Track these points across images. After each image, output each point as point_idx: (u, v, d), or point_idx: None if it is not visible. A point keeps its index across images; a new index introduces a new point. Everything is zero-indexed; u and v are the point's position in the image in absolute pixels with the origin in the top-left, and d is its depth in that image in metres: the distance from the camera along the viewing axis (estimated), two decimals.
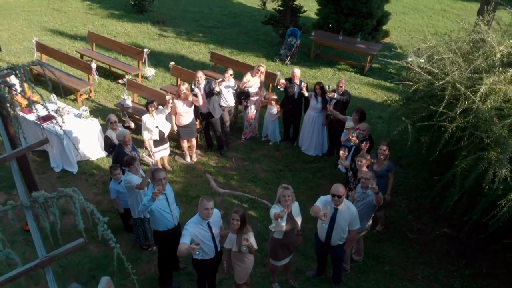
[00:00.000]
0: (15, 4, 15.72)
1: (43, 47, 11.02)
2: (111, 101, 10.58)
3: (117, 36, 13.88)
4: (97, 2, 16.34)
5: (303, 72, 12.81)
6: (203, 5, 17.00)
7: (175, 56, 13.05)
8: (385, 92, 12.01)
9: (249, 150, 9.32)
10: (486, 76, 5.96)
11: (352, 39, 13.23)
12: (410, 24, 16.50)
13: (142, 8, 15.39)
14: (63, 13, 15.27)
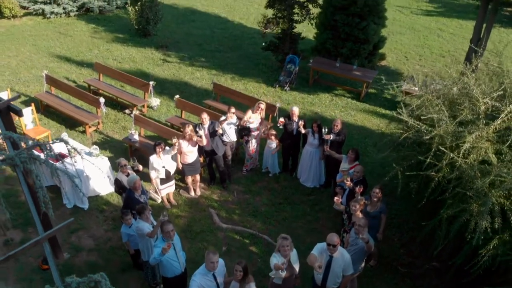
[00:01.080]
0: (22, 28, 16.21)
1: (52, 80, 11.51)
2: (118, 132, 11.07)
3: (123, 62, 14.37)
4: (102, 25, 16.83)
5: (302, 98, 13.33)
6: (205, 28, 17.48)
7: (178, 83, 13.54)
8: (380, 119, 12.48)
9: (250, 183, 9.81)
10: (468, 133, 6.43)
11: (349, 66, 13.71)
12: (406, 45, 16.97)
13: (146, 32, 15.87)
14: (69, 37, 15.75)
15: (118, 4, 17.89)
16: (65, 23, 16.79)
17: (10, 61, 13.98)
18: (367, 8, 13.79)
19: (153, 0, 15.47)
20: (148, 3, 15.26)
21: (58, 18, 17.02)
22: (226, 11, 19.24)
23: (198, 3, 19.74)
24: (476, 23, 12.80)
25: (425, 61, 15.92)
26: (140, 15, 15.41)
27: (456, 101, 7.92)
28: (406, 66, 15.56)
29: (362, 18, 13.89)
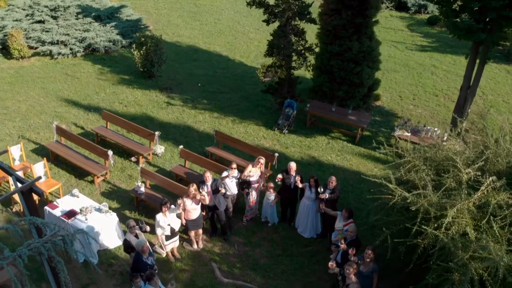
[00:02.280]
0: (31, 70, 16.87)
1: (62, 131, 12.12)
2: (125, 181, 11.64)
3: (128, 105, 15.00)
4: (108, 65, 17.50)
5: (299, 141, 13.93)
6: (207, 67, 18.15)
7: (182, 127, 14.15)
8: (375, 163, 13.05)
9: (250, 233, 10.35)
10: (450, 207, 6.98)
11: (344, 110, 14.33)
12: (400, 84, 17.61)
13: (151, 74, 16.52)
14: (76, 79, 16.41)
15: (123, 43, 18.57)
16: (72, 64, 17.46)
17: (20, 106, 14.60)
18: (361, 54, 14.46)
19: (157, 44, 16.13)
20: (153, 48, 15.92)
21: (65, 58, 17.69)
22: (227, 49, 19.93)
23: (200, 41, 20.44)
24: (466, 70, 13.40)
25: (419, 101, 16.54)
26: (145, 58, 16.06)
27: (442, 164, 8.48)
28: (400, 106, 16.18)
29: (356, 63, 14.55)
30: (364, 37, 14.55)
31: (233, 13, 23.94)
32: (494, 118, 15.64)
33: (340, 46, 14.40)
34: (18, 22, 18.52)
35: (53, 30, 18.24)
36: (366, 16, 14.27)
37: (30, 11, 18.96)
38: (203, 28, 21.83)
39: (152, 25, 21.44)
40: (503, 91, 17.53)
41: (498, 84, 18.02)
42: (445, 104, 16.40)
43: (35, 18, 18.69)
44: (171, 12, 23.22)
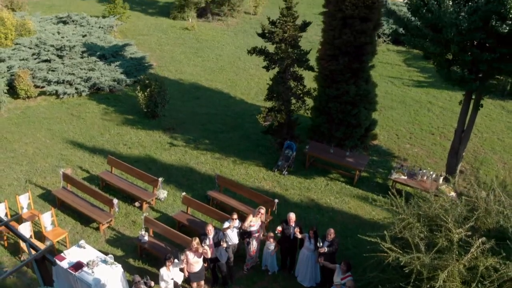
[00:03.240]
0: (37, 110, 17.34)
1: (69, 178, 12.52)
2: (129, 228, 11.98)
3: (132, 147, 15.42)
4: (112, 105, 17.98)
5: (299, 183, 14.29)
6: (209, 105, 18.63)
7: (184, 169, 14.53)
8: (372, 207, 13.37)
9: (250, 283, 10.64)
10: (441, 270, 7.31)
11: (342, 152, 14.72)
12: (397, 121, 18.04)
13: (154, 114, 16.98)
14: (82, 120, 16.87)
15: (127, 82, 19.09)
16: (77, 103, 17.94)
17: (27, 148, 15.02)
18: (358, 96, 14.93)
19: (161, 86, 16.63)
20: (157, 89, 16.42)
21: (71, 98, 18.19)
22: (228, 86, 20.44)
23: (202, 78, 20.97)
24: (460, 115, 13.83)
25: (415, 139, 16.94)
26: (149, 99, 16.54)
27: (435, 220, 8.83)
28: (397, 145, 16.57)
29: (354, 105, 15.00)
30: (361, 80, 15.03)
31: (234, 48, 24.55)
32: (489, 158, 16.07)
33: (337, 89, 14.87)
34: (24, 61, 19.10)
35: (59, 69, 18.79)
36: (363, 61, 14.78)
37: (37, 50, 19.57)
38: (205, 64, 22.39)
39: (155, 62, 22.01)
40: (498, 128, 17.94)
41: (493, 121, 18.45)
42: (441, 143, 16.78)
43: (42, 58, 19.28)
44: (174, 48, 23.83)
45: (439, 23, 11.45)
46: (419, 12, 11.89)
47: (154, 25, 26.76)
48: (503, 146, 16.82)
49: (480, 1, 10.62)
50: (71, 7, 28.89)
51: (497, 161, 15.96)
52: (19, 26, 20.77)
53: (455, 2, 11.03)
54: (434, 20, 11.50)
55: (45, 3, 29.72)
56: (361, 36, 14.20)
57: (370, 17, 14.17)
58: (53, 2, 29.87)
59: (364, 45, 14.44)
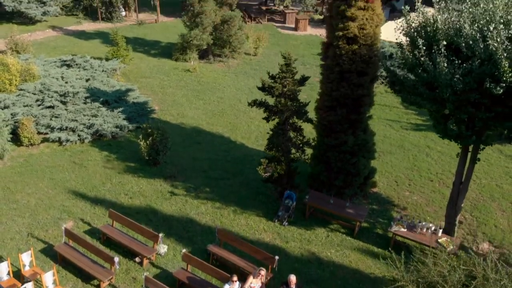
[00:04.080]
0: (40, 158, 17.54)
1: (70, 233, 12.61)
2: (130, 285, 12.00)
3: (133, 197, 15.54)
4: (114, 152, 18.19)
5: (299, 234, 14.34)
6: (210, 150, 18.85)
7: (184, 220, 14.62)
8: (373, 260, 13.39)
9: None
10: None
11: (342, 202, 14.83)
12: (396, 167, 18.19)
13: (156, 161, 17.17)
14: (84, 168, 17.04)
15: (129, 128, 19.35)
16: (80, 150, 18.16)
17: (30, 199, 15.14)
18: (357, 146, 15.13)
19: (163, 134, 16.87)
20: (158, 138, 16.66)
21: (73, 145, 18.41)
22: (229, 130, 20.70)
23: (203, 121, 21.27)
24: (457, 167, 13.99)
25: (414, 186, 17.06)
26: (150, 147, 16.76)
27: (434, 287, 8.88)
28: (396, 193, 16.67)
29: (352, 155, 15.20)
30: (359, 130, 15.27)
31: (235, 90, 24.95)
32: (488, 206, 16.15)
33: (336, 139, 15.09)
34: (28, 108, 19.43)
35: (62, 116, 19.10)
36: (361, 113, 15.05)
37: (41, 96, 19.93)
38: (206, 107, 22.73)
39: (158, 105, 22.36)
40: (496, 174, 18.08)
41: (491, 166, 18.61)
42: (440, 190, 16.90)
43: (45, 104, 19.62)
44: (176, 91, 24.23)
45: (434, 82, 11.75)
46: (414, 70, 12.21)
47: (157, 67, 27.26)
48: (502, 193, 16.93)
49: (474, 64, 10.92)
50: (75, 48, 29.55)
51: (496, 209, 16.03)
52: (24, 71, 21.18)
53: (450, 63, 11.33)
54: (430, 79, 11.80)
55: (49, 44, 30.36)
56: (358, 89, 14.52)
57: (367, 71, 14.53)
58: (57, 43, 30.51)
59: (361, 97, 14.73)
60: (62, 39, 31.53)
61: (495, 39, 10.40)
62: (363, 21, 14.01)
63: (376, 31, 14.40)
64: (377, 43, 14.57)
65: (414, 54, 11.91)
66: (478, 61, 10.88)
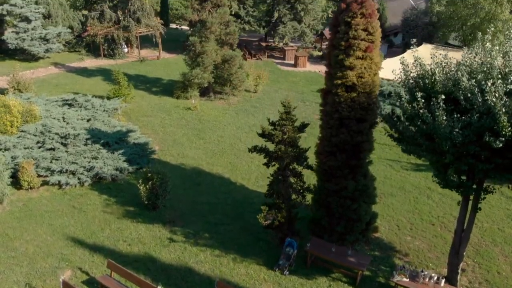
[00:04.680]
0: (39, 202, 17.47)
1: (68, 286, 12.40)
2: None
3: (132, 244, 15.39)
4: (114, 195, 18.12)
5: (300, 284, 14.14)
6: (210, 192, 18.78)
7: (183, 269, 14.43)
8: None
9: None
10: None
11: (344, 250, 14.66)
12: (397, 210, 18.07)
13: (155, 206, 17.08)
14: (83, 213, 16.94)
15: (129, 170, 19.34)
16: (79, 194, 18.09)
17: (28, 247, 14.99)
18: (357, 192, 15.07)
19: (163, 178, 16.84)
20: (158, 182, 16.62)
21: (73, 188, 18.35)
22: (229, 170, 20.68)
23: (204, 161, 21.28)
24: (459, 214, 13.89)
25: (416, 231, 16.91)
26: (150, 191, 16.70)
27: None
28: (398, 238, 16.51)
29: (353, 200, 15.11)
30: (359, 175, 15.23)
31: (235, 128, 25.07)
32: (490, 251, 15.98)
33: (337, 184, 15.05)
34: (29, 150, 19.46)
35: (62, 158, 19.12)
36: (360, 158, 15.06)
37: (42, 138, 20.00)
38: (207, 147, 22.78)
39: (158, 145, 22.42)
40: (498, 217, 17.95)
41: (492, 208, 18.48)
42: (441, 234, 16.74)
43: (46, 146, 19.67)
44: (176, 130, 24.33)
45: (433, 134, 11.79)
46: (413, 121, 12.28)
47: (158, 105, 27.48)
48: (504, 237, 16.76)
49: (473, 118, 10.98)
50: (77, 86, 29.89)
51: (498, 254, 15.85)
52: (25, 112, 21.32)
53: (448, 115, 11.40)
54: (429, 130, 11.85)
55: (51, 81, 30.71)
56: (357, 135, 14.58)
57: (366, 118, 14.62)
58: (59, 81, 30.86)
59: (361, 143, 14.77)
60: (64, 76, 31.91)
61: (493, 94, 10.49)
62: (361, 70, 14.18)
63: (375, 79, 14.55)
64: (375, 90, 14.71)
65: (413, 106, 12.00)
66: (477, 115, 10.95)
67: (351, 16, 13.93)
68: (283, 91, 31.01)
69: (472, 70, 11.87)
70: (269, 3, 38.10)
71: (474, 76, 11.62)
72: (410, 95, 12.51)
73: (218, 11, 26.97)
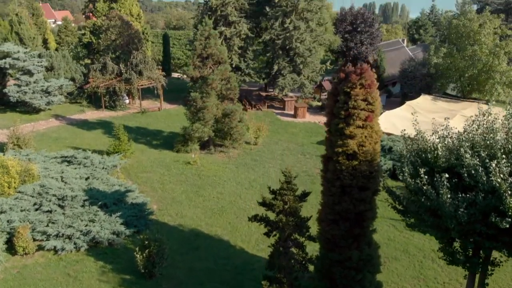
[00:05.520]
0: (34, 270, 16.98)
1: None
2: None
3: None
4: (110, 262, 17.62)
5: None
6: (209, 258, 18.27)
7: None
8: None
9: None
10: None
11: None
12: (402, 276, 17.52)
13: (151, 274, 16.56)
14: (78, 282, 16.42)
15: (126, 234, 18.91)
16: (75, 260, 17.61)
17: None
18: (362, 261, 14.61)
19: (160, 245, 16.42)
20: (155, 250, 16.18)
21: (69, 253, 17.88)
22: (229, 232, 20.24)
23: (202, 222, 20.88)
24: None
25: None
26: (147, 259, 16.23)
27: None
28: None
29: (358, 271, 14.60)
30: (363, 244, 14.81)
31: (235, 184, 24.79)
32: None
33: (340, 254, 14.59)
34: (25, 213, 19.11)
35: (59, 221, 18.74)
36: (364, 226, 14.70)
37: (39, 200, 19.69)
38: (206, 205, 22.43)
39: (156, 204, 22.08)
40: (505, 282, 17.39)
41: (498, 272, 17.90)
42: None
43: (43, 209, 19.33)
44: (175, 187, 24.04)
45: (438, 210, 11.54)
46: (417, 196, 12.05)
47: (158, 160, 27.33)
48: None
49: (478, 197, 10.75)
50: (77, 140, 29.86)
51: None
52: (23, 172, 21.13)
53: (452, 191, 11.17)
54: (433, 206, 11.60)
55: (51, 135, 30.72)
56: (360, 204, 14.26)
57: (369, 186, 14.35)
58: (60, 134, 30.87)
59: (364, 212, 14.46)
60: (64, 130, 31.95)
61: (498, 175, 10.30)
62: (362, 139, 14.03)
63: (376, 147, 14.38)
64: (377, 158, 14.50)
65: (416, 183, 11.80)
66: (482, 195, 10.73)
67: (351, 86, 13.93)
68: (283, 143, 31.00)
69: (474, 144, 11.75)
70: (269, 56, 38.71)
71: (477, 150, 11.49)
72: (413, 168, 12.35)
73: (219, 68, 27.29)
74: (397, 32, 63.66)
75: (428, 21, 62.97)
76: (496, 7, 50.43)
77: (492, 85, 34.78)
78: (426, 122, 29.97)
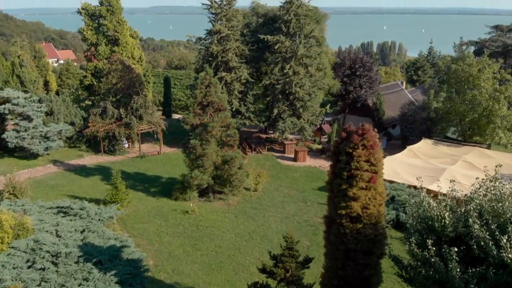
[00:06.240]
0: None
1: None
2: None
3: None
4: None
5: None
6: None
7: None
8: None
9: None
10: None
11: None
12: None
13: None
14: None
15: None
16: None
17: None
18: None
19: None
20: None
21: None
22: None
23: (200, 279, 20.15)
24: None
25: None
26: None
27: None
28: None
29: None
30: None
31: (234, 236, 24.13)
32: None
33: None
34: (18, 271, 18.37)
35: (51, 280, 18.00)
36: None
37: (32, 257, 19.01)
38: (204, 260, 21.72)
39: (152, 259, 21.39)
40: None
41: None
42: None
43: (36, 266, 18.64)
44: (173, 239, 23.38)
45: (447, 283, 10.99)
46: (424, 268, 11.52)
47: (155, 209, 26.77)
48: None
49: (489, 272, 10.23)
50: (74, 187, 29.39)
51: None
52: (17, 226, 20.55)
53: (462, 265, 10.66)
54: (442, 279, 11.06)
55: (48, 182, 30.26)
56: (365, 269, 13.74)
57: (374, 251, 13.84)
58: (57, 182, 30.42)
59: (369, 277, 13.89)
60: (62, 176, 31.52)
61: (509, 251, 9.83)
62: (366, 201, 13.66)
63: (380, 209, 13.98)
64: (381, 221, 14.08)
65: (424, 254, 11.30)
66: (493, 270, 10.22)
67: (353, 147, 13.67)
68: (284, 189, 30.48)
69: (482, 212, 11.33)
70: (269, 100, 38.78)
71: (486, 218, 11.06)
72: (420, 237, 11.87)
73: (219, 115, 27.16)
74: (395, 74, 64.25)
75: (426, 63, 63.70)
76: (494, 50, 50.94)
77: (493, 129, 34.63)
78: (428, 168, 29.71)
